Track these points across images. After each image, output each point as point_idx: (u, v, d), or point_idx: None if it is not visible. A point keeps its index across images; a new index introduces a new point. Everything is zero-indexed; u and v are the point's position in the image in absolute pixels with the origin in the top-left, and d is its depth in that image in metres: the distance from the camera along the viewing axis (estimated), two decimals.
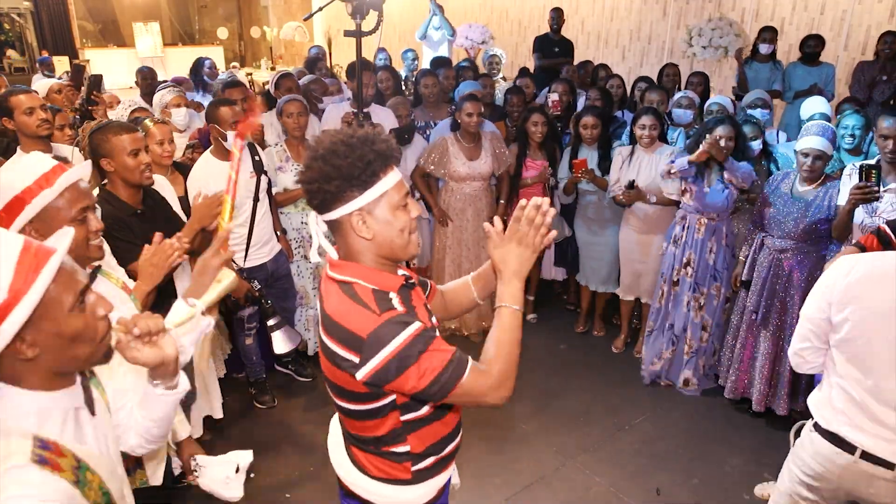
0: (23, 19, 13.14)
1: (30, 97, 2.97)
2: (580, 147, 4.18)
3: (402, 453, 1.56)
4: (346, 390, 1.48)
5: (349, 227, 1.43)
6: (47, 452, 1.10)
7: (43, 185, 1.62)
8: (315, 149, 1.41)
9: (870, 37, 6.14)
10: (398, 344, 1.36)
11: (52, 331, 1.10)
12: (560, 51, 6.73)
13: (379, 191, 1.40)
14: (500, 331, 1.46)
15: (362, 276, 1.45)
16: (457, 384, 1.39)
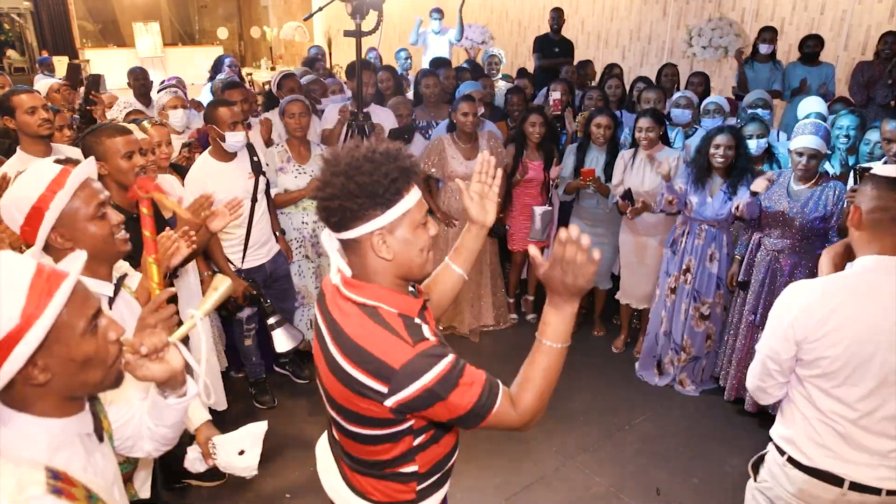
0: (23, 19, 13.14)
1: (32, 97, 2.96)
2: (589, 147, 4.15)
3: (409, 473, 1.52)
4: (360, 415, 1.42)
5: (368, 247, 1.36)
6: (60, 483, 1.08)
7: (55, 189, 1.63)
8: (335, 163, 1.33)
9: (870, 37, 6.14)
10: (431, 378, 1.31)
11: (63, 355, 1.08)
12: (560, 51, 6.73)
13: (402, 209, 1.34)
14: (535, 368, 1.38)
15: (385, 300, 1.39)
16: (489, 414, 1.36)
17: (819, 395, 1.77)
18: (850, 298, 1.69)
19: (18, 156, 2.94)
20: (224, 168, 3.24)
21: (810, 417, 1.80)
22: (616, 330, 4.49)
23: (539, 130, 4.23)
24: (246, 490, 3.05)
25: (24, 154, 2.94)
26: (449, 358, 1.34)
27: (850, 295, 1.70)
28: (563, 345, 1.38)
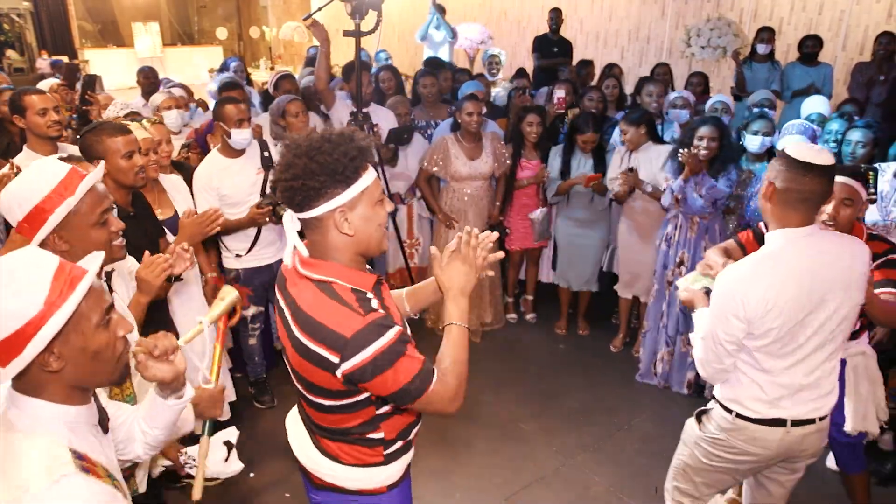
0: (22, 20, 13.14)
1: (43, 98, 2.98)
2: (574, 151, 4.16)
3: (376, 439, 1.61)
4: (320, 387, 1.50)
5: (331, 225, 1.44)
6: (84, 462, 1.14)
7: (63, 193, 1.62)
8: (296, 147, 1.42)
9: (867, 37, 6.15)
10: (379, 347, 1.40)
11: (78, 345, 1.15)
12: (559, 51, 6.74)
13: (361, 186, 1.43)
14: (452, 347, 1.53)
15: (339, 276, 1.47)
16: (424, 393, 1.45)
17: (765, 358, 1.95)
18: (777, 272, 1.87)
19: (26, 154, 2.96)
20: (231, 164, 3.25)
21: (758, 380, 1.98)
22: (615, 329, 4.49)
23: (536, 130, 4.24)
24: (245, 489, 3.06)
25: (31, 153, 2.96)
26: (396, 329, 1.43)
27: (775, 269, 1.87)
28: (466, 325, 1.57)
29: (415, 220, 4.63)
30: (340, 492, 1.66)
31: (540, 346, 4.42)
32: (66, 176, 1.64)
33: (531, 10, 9.15)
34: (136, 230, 2.46)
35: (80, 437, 1.19)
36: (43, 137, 2.98)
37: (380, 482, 1.67)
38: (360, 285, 1.48)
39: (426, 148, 4.40)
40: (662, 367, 3.89)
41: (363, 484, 1.65)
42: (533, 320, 4.74)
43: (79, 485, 1.10)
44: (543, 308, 4.86)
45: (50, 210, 1.60)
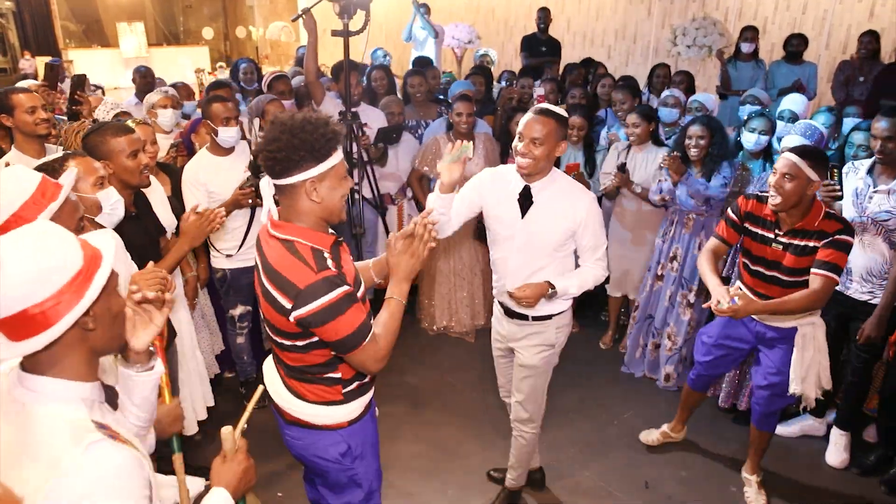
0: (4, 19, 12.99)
1: (31, 97, 2.96)
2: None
3: (334, 379, 1.86)
4: (281, 329, 1.75)
5: (302, 192, 1.69)
6: (107, 430, 1.15)
7: (41, 200, 1.60)
8: (281, 124, 1.66)
9: (850, 36, 6.24)
10: (326, 301, 1.64)
11: (105, 305, 1.18)
12: (547, 50, 6.77)
13: (332, 163, 1.69)
14: (389, 317, 1.82)
15: (301, 236, 1.71)
16: (359, 346, 1.71)
17: None
18: None
19: (14, 154, 2.93)
20: (220, 161, 3.25)
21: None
22: (604, 326, 4.53)
23: None
24: None
25: (18, 153, 2.93)
26: (344, 288, 1.67)
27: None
28: (405, 301, 1.86)
29: (405, 220, 4.63)
30: (307, 427, 1.91)
31: None
32: (41, 183, 1.62)
33: (518, 9, 9.18)
34: (138, 230, 2.46)
35: (98, 412, 1.19)
36: (31, 136, 2.95)
37: (340, 418, 1.90)
38: (319, 244, 1.72)
39: (417, 147, 4.41)
40: (646, 359, 3.93)
41: (325, 420, 1.89)
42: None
43: (108, 450, 1.11)
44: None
45: (30, 217, 1.56)
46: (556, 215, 2.39)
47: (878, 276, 2.93)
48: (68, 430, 1.11)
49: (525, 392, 2.69)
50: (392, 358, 1.74)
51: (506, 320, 2.64)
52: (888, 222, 2.84)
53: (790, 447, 3.38)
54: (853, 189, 2.96)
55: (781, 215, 2.59)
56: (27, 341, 1.10)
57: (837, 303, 3.10)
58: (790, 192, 2.47)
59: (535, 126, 2.29)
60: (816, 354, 2.70)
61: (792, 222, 2.57)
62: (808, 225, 2.54)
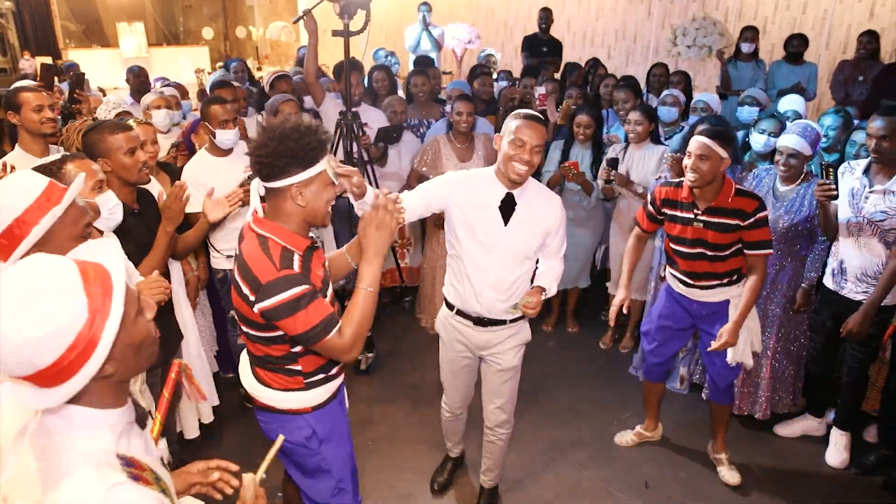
0: (4, 19, 12.98)
1: (38, 95, 2.96)
2: (573, 144, 4.17)
3: (294, 370, 1.95)
4: (248, 319, 1.85)
5: (288, 195, 1.78)
6: (134, 469, 1.10)
7: (45, 204, 1.56)
8: (271, 131, 1.75)
9: (850, 36, 6.24)
10: (285, 297, 1.72)
11: (125, 342, 1.09)
12: (548, 50, 6.77)
13: (317, 170, 1.77)
14: (357, 309, 1.82)
15: (277, 234, 1.80)
16: (321, 340, 1.77)
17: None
18: None
19: (18, 153, 2.93)
20: (219, 163, 3.25)
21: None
22: (604, 327, 4.53)
23: None
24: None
25: (22, 151, 2.93)
26: (302, 287, 1.74)
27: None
28: (375, 289, 1.84)
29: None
30: (274, 411, 2.01)
31: (530, 343, 4.42)
32: (48, 187, 1.59)
33: (518, 9, 9.18)
34: (141, 227, 2.47)
35: (124, 440, 1.15)
36: (36, 135, 2.95)
37: (303, 403, 1.99)
38: (292, 245, 1.80)
39: (418, 147, 4.41)
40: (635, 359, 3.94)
41: (290, 404, 1.98)
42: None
43: (131, 494, 1.06)
44: None
45: (33, 222, 1.54)
46: (535, 221, 2.41)
47: (872, 277, 2.93)
48: (94, 467, 1.06)
49: (506, 395, 2.73)
50: (392, 358, 1.76)
51: (477, 331, 2.57)
52: (884, 223, 2.83)
53: (790, 447, 3.38)
54: (849, 189, 2.95)
55: (697, 194, 2.76)
56: (54, 390, 1.03)
57: (832, 303, 3.10)
58: (706, 171, 2.65)
59: (536, 134, 2.27)
60: (749, 322, 2.85)
61: (708, 200, 2.74)
62: (722, 202, 2.72)
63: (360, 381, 3.96)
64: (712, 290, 2.89)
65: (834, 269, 3.08)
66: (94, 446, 1.09)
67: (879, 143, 2.79)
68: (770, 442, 3.42)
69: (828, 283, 3.13)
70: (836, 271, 3.07)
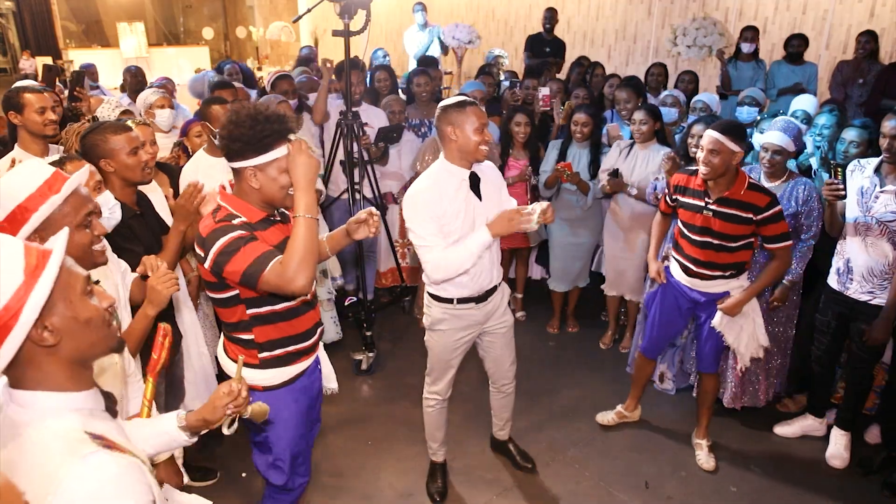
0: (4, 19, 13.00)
1: (41, 97, 2.96)
2: (571, 144, 4.17)
3: (247, 340, 2.03)
4: (208, 282, 1.97)
5: (244, 177, 1.92)
6: (103, 440, 1.12)
7: (47, 193, 1.62)
8: (232, 114, 1.89)
9: (850, 36, 6.23)
10: (222, 242, 1.85)
11: (68, 314, 1.13)
12: (551, 51, 6.76)
13: (271, 157, 1.88)
14: (295, 237, 1.84)
15: (232, 205, 1.95)
16: (261, 274, 1.82)
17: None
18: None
19: (17, 153, 2.94)
20: (217, 162, 3.25)
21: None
22: (604, 326, 4.53)
23: (524, 130, 4.25)
24: (237, 488, 3.06)
25: (22, 151, 2.94)
26: (235, 233, 1.86)
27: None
28: (313, 216, 1.86)
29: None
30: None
31: (530, 343, 4.44)
32: (51, 176, 1.64)
33: (518, 9, 9.18)
34: (143, 229, 2.47)
35: (92, 422, 1.16)
36: (38, 136, 2.96)
37: (255, 381, 2.04)
38: (244, 212, 1.94)
39: (419, 146, 4.41)
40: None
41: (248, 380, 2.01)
42: (522, 318, 4.76)
43: (106, 460, 1.08)
44: (533, 306, 4.88)
45: (33, 209, 1.59)
46: (494, 183, 2.73)
47: (879, 277, 2.92)
48: (62, 444, 1.08)
49: (512, 350, 2.99)
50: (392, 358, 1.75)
51: (479, 308, 2.75)
52: (893, 223, 2.83)
53: (790, 448, 3.38)
54: (858, 188, 2.94)
55: (710, 185, 2.85)
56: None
57: (837, 303, 3.09)
58: (718, 164, 2.76)
59: (482, 112, 2.56)
60: (751, 314, 2.96)
61: (720, 191, 2.83)
62: (734, 194, 2.81)
63: (360, 381, 3.96)
64: (713, 280, 2.97)
65: (839, 268, 3.07)
66: (61, 426, 1.11)
67: (893, 143, 2.78)
68: (770, 442, 3.43)
69: (832, 283, 3.12)
70: (841, 271, 3.06)
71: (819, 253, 3.22)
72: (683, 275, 3.06)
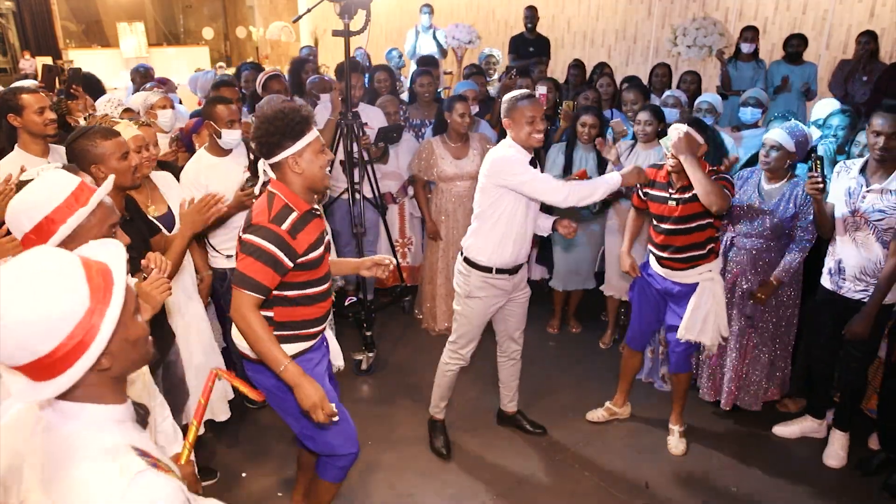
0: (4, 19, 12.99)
1: (39, 97, 2.95)
2: (576, 146, 4.16)
3: (267, 318, 2.16)
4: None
5: (287, 166, 2.10)
6: (150, 458, 1.11)
7: (74, 204, 1.61)
8: (262, 115, 2.09)
9: (850, 36, 6.23)
10: (254, 240, 2.04)
11: (122, 337, 1.11)
12: (535, 50, 6.72)
13: (306, 141, 2.08)
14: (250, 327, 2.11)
15: (285, 194, 2.11)
16: (238, 288, 2.05)
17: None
18: None
19: (17, 154, 2.93)
20: (219, 162, 3.25)
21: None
22: (603, 326, 4.53)
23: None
24: (238, 488, 3.06)
25: (22, 152, 2.92)
26: (270, 245, 2.03)
27: None
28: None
29: (406, 219, 4.64)
30: (250, 360, 2.25)
31: (530, 343, 4.40)
32: (77, 187, 1.64)
33: (518, 9, 9.16)
34: (131, 233, 2.46)
35: (132, 435, 1.15)
36: (38, 136, 2.95)
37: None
38: (294, 204, 2.10)
39: (418, 147, 4.41)
40: (646, 363, 3.94)
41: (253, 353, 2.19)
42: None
43: (154, 481, 1.06)
44: (534, 306, 4.87)
45: (61, 221, 1.59)
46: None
47: (871, 276, 2.92)
48: (110, 459, 1.06)
49: (524, 318, 3.32)
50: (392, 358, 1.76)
51: (512, 277, 3.07)
52: (882, 222, 2.83)
53: (790, 448, 3.38)
54: (845, 189, 2.95)
55: (674, 177, 3.05)
56: (49, 383, 1.04)
57: (832, 303, 3.09)
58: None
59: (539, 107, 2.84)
60: (714, 306, 3.09)
61: (683, 181, 3.01)
62: None
63: (360, 381, 3.96)
64: (683, 271, 3.13)
65: (831, 268, 3.08)
66: (108, 440, 1.09)
67: (888, 142, 2.77)
68: (770, 442, 3.42)
69: (825, 284, 3.13)
70: (833, 271, 3.07)
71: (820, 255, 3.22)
72: (657, 265, 3.23)
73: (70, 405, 1.10)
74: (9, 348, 1.00)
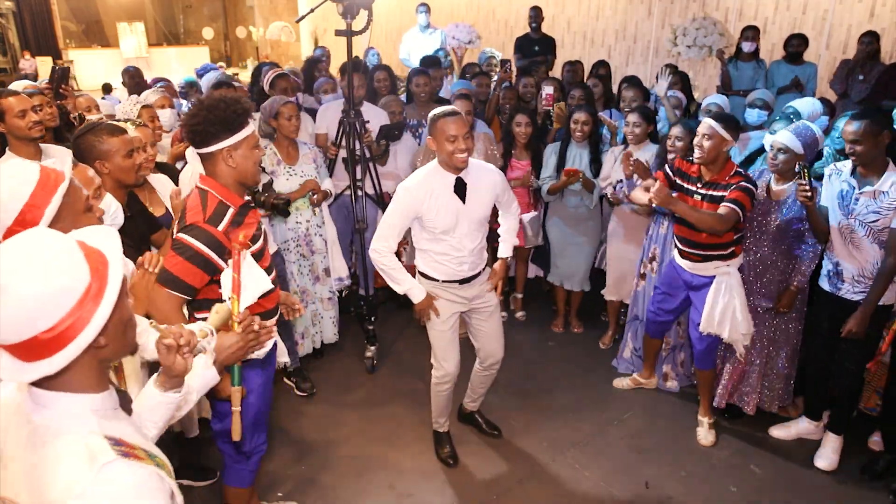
0: (4, 19, 12.99)
1: (20, 99, 2.88)
2: (570, 144, 4.17)
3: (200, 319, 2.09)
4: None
5: (220, 158, 2.05)
6: (123, 447, 1.10)
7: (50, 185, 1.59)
8: (200, 102, 2.05)
9: (850, 36, 6.24)
10: (186, 239, 2.00)
11: (117, 316, 1.11)
12: (540, 49, 6.73)
13: (243, 135, 2.05)
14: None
15: (217, 190, 2.08)
16: (160, 284, 2.00)
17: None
18: None
19: (7, 157, 2.91)
20: None
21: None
22: (604, 326, 4.53)
23: (525, 131, 4.25)
24: None
25: (13, 156, 2.90)
26: (200, 245, 2.00)
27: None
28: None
29: None
30: None
31: (530, 343, 4.44)
32: (43, 171, 1.62)
33: (518, 9, 9.17)
34: (132, 230, 2.47)
35: (111, 424, 1.15)
36: (25, 140, 2.90)
37: None
38: (228, 200, 2.08)
39: (416, 147, 4.40)
40: (634, 358, 3.99)
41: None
42: (522, 318, 4.76)
43: (122, 470, 1.06)
44: (533, 306, 4.89)
45: (43, 203, 1.57)
46: (484, 190, 2.87)
47: (868, 277, 2.93)
48: (81, 451, 1.06)
49: (500, 330, 3.16)
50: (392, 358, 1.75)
51: (466, 288, 2.99)
52: (876, 223, 2.84)
53: (791, 448, 3.38)
54: (838, 192, 2.96)
55: (703, 170, 3.12)
56: (41, 363, 1.04)
57: (830, 304, 3.09)
58: (710, 148, 3.02)
59: (461, 124, 2.67)
60: (732, 300, 3.13)
61: (710, 176, 3.09)
62: (721, 178, 3.07)
63: (360, 382, 3.96)
64: (702, 263, 3.20)
65: (829, 271, 3.08)
66: (80, 430, 1.09)
67: (853, 147, 2.81)
68: (770, 442, 3.42)
69: (823, 285, 3.13)
70: (831, 273, 3.07)
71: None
72: (679, 257, 3.31)
73: (45, 394, 1.10)
74: (10, 324, 1.00)
